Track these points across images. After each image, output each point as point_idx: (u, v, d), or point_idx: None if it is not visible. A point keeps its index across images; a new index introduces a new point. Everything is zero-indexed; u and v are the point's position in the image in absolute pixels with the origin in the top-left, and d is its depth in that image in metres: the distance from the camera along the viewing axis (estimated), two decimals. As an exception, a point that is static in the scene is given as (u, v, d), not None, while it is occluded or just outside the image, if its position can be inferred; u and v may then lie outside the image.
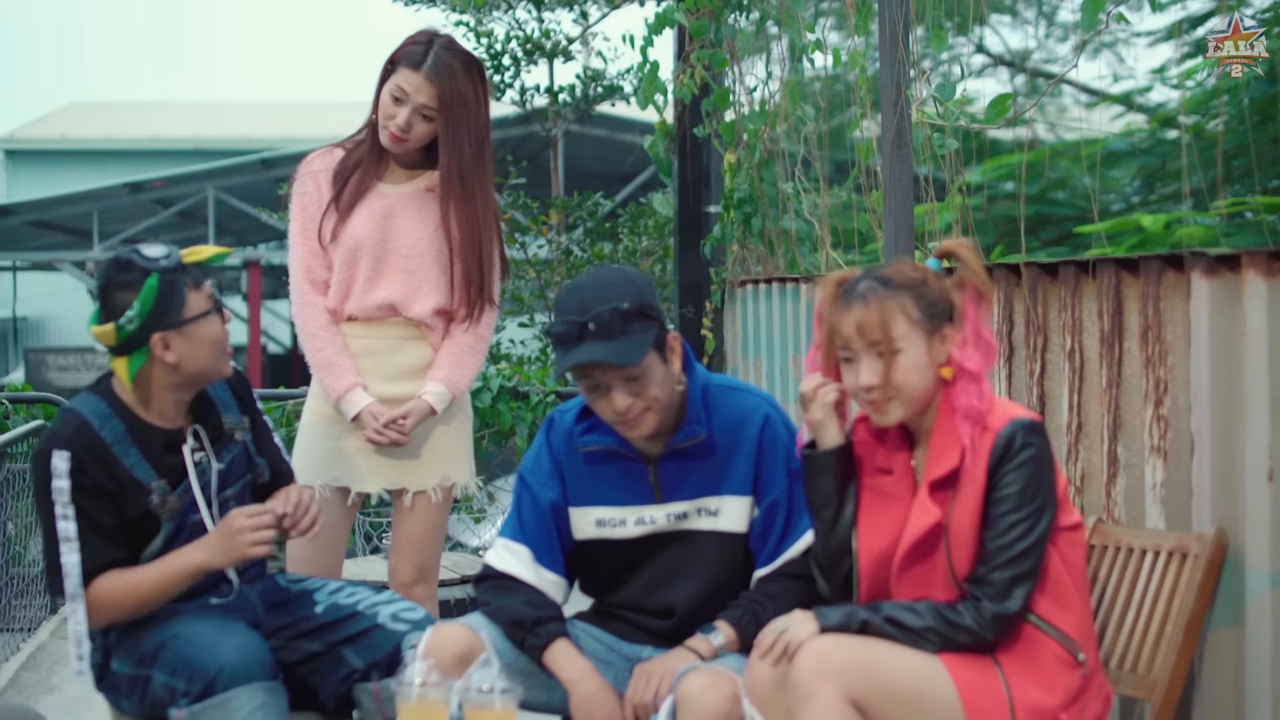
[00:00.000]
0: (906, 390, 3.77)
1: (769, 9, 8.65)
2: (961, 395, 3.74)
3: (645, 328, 3.96)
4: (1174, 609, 3.98)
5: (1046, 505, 3.69)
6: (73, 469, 4.00)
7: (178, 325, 4.11)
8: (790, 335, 7.56)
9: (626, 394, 3.96)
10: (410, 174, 5.09)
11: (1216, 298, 4.02)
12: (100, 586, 4.04)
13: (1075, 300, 4.61)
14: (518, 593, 4.15)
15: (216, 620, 4.15)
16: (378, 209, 5.02)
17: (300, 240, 5.10)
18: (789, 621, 3.81)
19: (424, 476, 5.10)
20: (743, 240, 8.87)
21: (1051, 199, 17.59)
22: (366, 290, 5.01)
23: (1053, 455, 3.74)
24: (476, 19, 11.84)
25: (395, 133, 4.94)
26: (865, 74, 7.36)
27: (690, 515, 4.17)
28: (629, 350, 3.92)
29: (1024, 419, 3.71)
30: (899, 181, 5.73)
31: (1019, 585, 3.68)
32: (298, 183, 5.14)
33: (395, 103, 4.93)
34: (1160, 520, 4.25)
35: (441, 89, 4.90)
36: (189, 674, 3.95)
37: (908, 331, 3.75)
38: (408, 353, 5.06)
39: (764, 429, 4.14)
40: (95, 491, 4.03)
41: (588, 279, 4.08)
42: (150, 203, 27.61)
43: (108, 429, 4.10)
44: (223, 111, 44.33)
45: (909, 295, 3.76)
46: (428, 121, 4.95)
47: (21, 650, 7.07)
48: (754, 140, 8.68)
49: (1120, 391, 4.44)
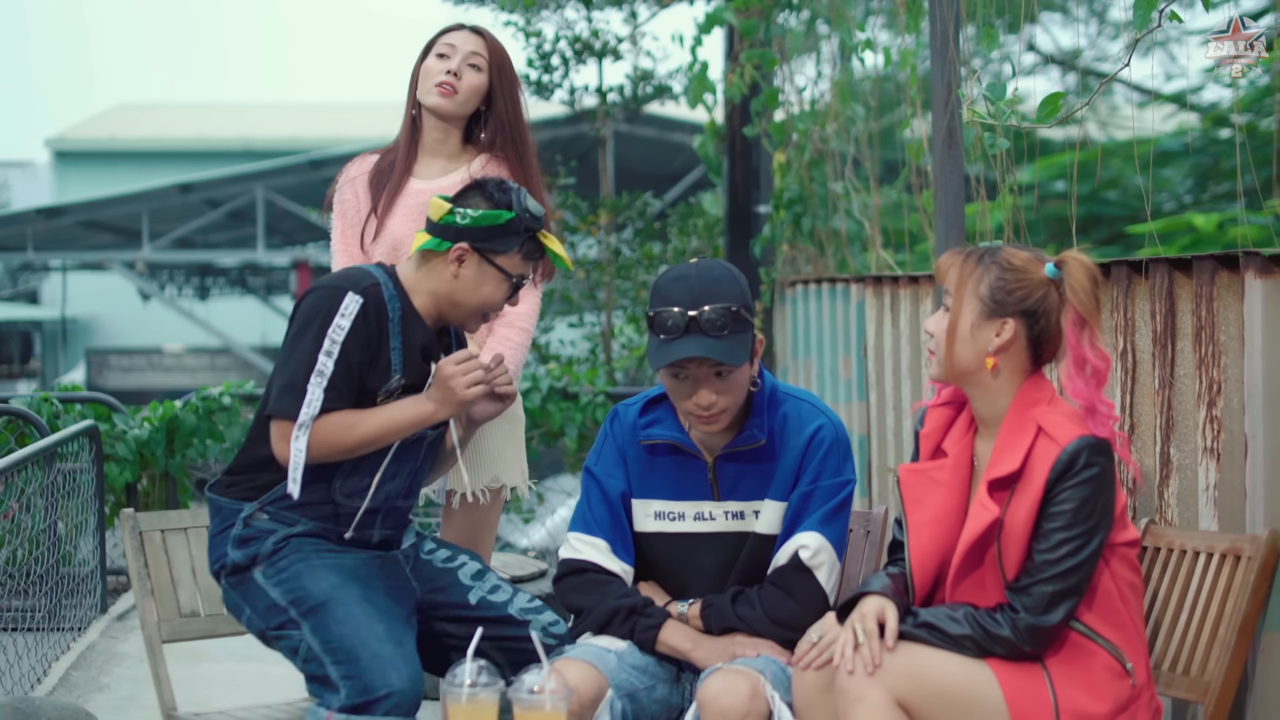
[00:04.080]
0: (940, 349, 3.82)
1: (819, 8, 8.64)
2: (1051, 413, 3.73)
3: (746, 329, 3.99)
4: (1227, 611, 3.95)
5: (1100, 525, 3.67)
6: (357, 316, 4.15)
7: (484, 254, 4.21)
8: (841, 335, 7.54)
9: (713, 391, 3.98)
10: (444, 166, 5.10)
11: (1271, 297, 3.99)
12: (327, 420, 4.14)
13: (1128, 300, 4.58)
14: (607, 586, 4.17)
15: (386, 612, 4.13)
16: (413, 206, 5.02)
17: (340, 246, 5.16)
18: (824, 628, 3.81)
19: (472, 477, 5.10)
20: (792, 240, 8.87)
21: (1103, 198, 17.55)
22: None
23: (1115, 475, 3.72)
24: (526, 19, 11.84)
25: (446, 80, 4.98)
26: (915, 73, 7.34)
27: (746, 516, 4.18)
28: (735, 351, 3.95)
29: (1090, 438, 3.67)
30: (950, 181, 5.71)
31: (1062, 601, 3.66)
32: (337, 191, 5.20)
33: (442, 58, 5.01)
34: (1213, 522, 4.22)
35: (489, 42, 5.02)
36: (352, 673, 3.95)
37: (967, 299, 3.77)
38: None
39: (812, 437, 4.14)
40: (361, 346, 4.17)
41: (694, 270, 4.06)
42: (200, 203, 27.72)
43: (391, 305, 4.22)
44: (271, 112, 44.53)
45: (994, 272, 3.77)
46: (477, 71, 5.00)
47: (72, 649, 7.09)
48: (804, 140, 8.68)
49: (1173, 392, 4.41)
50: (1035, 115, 4.77)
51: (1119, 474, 3.77)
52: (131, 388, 29.23)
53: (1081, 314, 3.71)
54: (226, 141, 39.24)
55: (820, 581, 4.07)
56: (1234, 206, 14.26)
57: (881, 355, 6.88)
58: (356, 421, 4.15)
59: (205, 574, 4.76)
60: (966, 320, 3.78)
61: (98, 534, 7.96)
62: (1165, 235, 14.92)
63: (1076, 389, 3.72)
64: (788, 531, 4.12)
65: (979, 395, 3.84)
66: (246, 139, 38.85)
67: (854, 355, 7.33)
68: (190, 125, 41.94)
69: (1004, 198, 5.59)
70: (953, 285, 3.81)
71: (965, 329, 3.78)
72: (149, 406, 9.09)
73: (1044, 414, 3.72)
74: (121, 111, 46.26)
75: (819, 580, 4.07)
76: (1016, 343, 3.77)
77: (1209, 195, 17.62)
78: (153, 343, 35.65)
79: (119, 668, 6.85)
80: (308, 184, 25.01)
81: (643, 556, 4.27)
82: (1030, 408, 3.75)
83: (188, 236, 29.29)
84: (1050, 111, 4.73)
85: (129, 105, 48.48)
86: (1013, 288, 3.75)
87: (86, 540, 7.92)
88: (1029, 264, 3.77)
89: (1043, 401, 3.76)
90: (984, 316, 3.76)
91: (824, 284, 7.91)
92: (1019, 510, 3.69)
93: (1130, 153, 14.90)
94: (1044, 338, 3.78)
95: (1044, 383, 3.81)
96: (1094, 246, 17.04)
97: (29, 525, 7.11)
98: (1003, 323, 3.75)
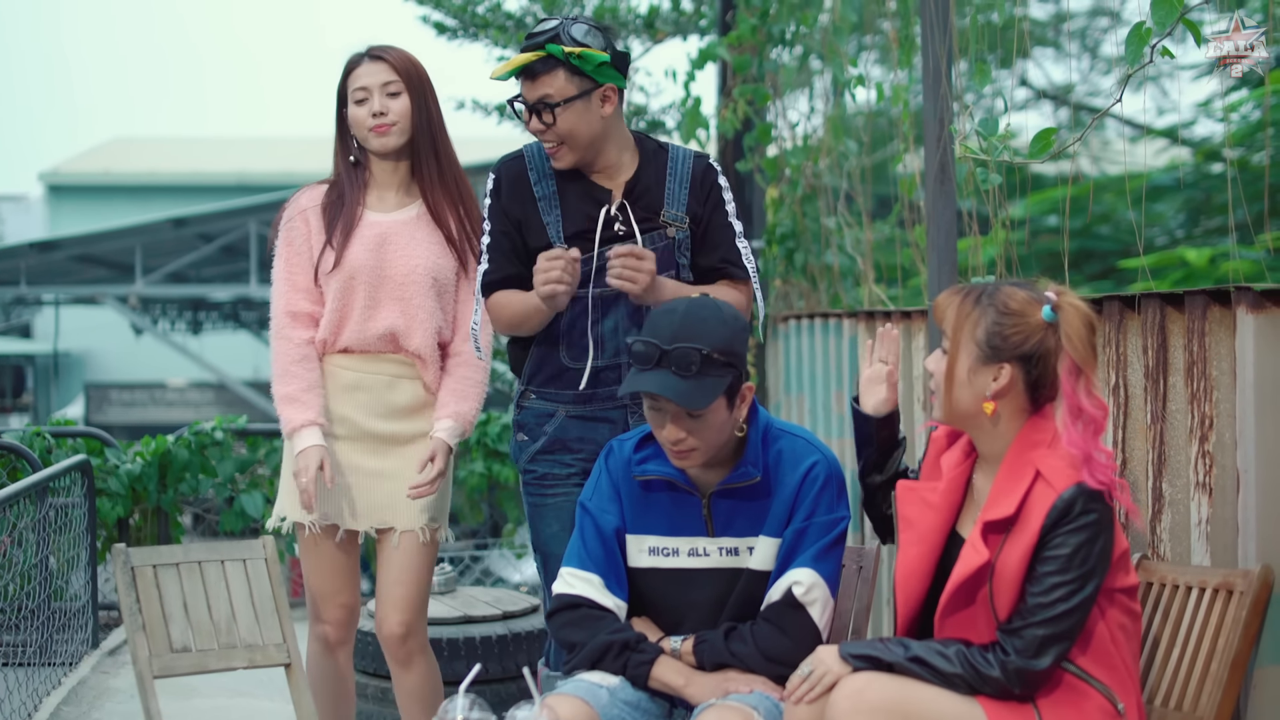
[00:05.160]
0: (940, 390, 3.82)
1: (812, 44, 8.68)
2: (1050, 458, 3.72)
3: (721, 374, 3.99)
4: (1220, 646, 3.95)
5: (1095, 571, 3.64)
6: (492, 189, 4.73)
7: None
8: (833, 371, 7.54)
9: (682, 428, 4.00)
10: (400, 202, 5.07)
11: (1263, 332, 3.99)
12: (493, 299, 4.72)
13: (1119, 335, 4.59)
14: (600, 621, 4.16)
15: None
16: (370, 237, 4.99)
17: (285, 274, 5.07)
18: (814, 662, 3.80)
19: (412, 516, 5.04)
20: (785, 275, 8.88)
21: (1095, 233, 17.57)
22: (366, 320, 4.98)
23: (1114, 521, 3.70)
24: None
25: (378, 124, 4.96)
26: (908, 108, 7.36)
27: (740, 552, 4.18)
28: (697, 395, 3.95)
29: (1088, 486, 3.66)
30: (942, 216, 5.71)
31: (1052, 645, 3.64)
32: (286, 222, 5.11)
33: (361, 103, 4.99)
34: (1206, 557, 4.22)
35: (391, 59, 4.99)
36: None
37: (964, 343, 3.76)
38: (401, 391, 5.04)
39: (807, 474, 4.14)
40: (504, 215, 4.69)
41: (686, 306, 4.08)
42: (193, 237, 27.70)
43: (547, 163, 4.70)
44: (265, 146, 44.53)
45: (991, 316, 3.74)
46: (396, 97, 4.97)
47: (63, 685, 7.08)
48: (796, 175, 8.69)
49: (1165, 427, 4.42)
50: (1028, 150, 4.78)
51: (1118, 519, 3.75)
52: (134, 423, 29.20)
53: (1077, 362, 3.68)
54: (220, 176, 39.26)
55: (814, 618, 4.07)
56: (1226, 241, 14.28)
57: (874, 390, 6.86)
58: (505, 304, 4.68)
59: (197, 609, 4.77)
60: (963, 365, 3.77)
61: (89, 569, 7.96)
62: (1157, 270, 14.93)
63: (1072, 438, 3.67)
64: (781, 568, 4.12)
65: (980, 436, 3.83)
66: (240, 173, 38.88)
67: (846, 391, 7.32)
68: (183, 159, 41.96)
69: (996, 232, 5.60)
70: (950, 328, 3.79)
71: (963, 373, 3.77)
72: (141, 441, 9.08)
73: (1043, 458, 3.70)
74: (115, 145, 46.27)
75: (812, 617, 4.07)
76: (1014, 387, 3.75)
77: (1201, 230, 17.64)
78: (149, 377, 35.63)
79: (110, 703, 6.84)
80: (301, 218, 24.97)
81: (636, 592, 4.26)
82: (1029, 450, 3.74)
83: (181, 271, 29.23)
84: (1043, 147, 4.75)
85: (122, 139, 48.50)
86: (1009, 333, 3.73)
87: (78, 575, 7.91)
88: (1026, 307, 3.74)
89: (1043, 444, 3.74)
90: (981, 362, 3.75)
91: (816, 319, 7.90)
92: (1012, 553, 3.67)
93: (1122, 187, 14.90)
94: (1042, 381, 3.76)
95: (1046, 424, 3.78)
96: (1086, 281, 17.06)
97: (21, 560, 7.09)
98: (1000, 368, 3.74)
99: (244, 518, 9.07)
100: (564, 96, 4.53)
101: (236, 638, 4.88)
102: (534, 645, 6.03)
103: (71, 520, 7.75)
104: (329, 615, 5.09)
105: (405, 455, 5.02)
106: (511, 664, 5.95)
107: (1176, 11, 4.23)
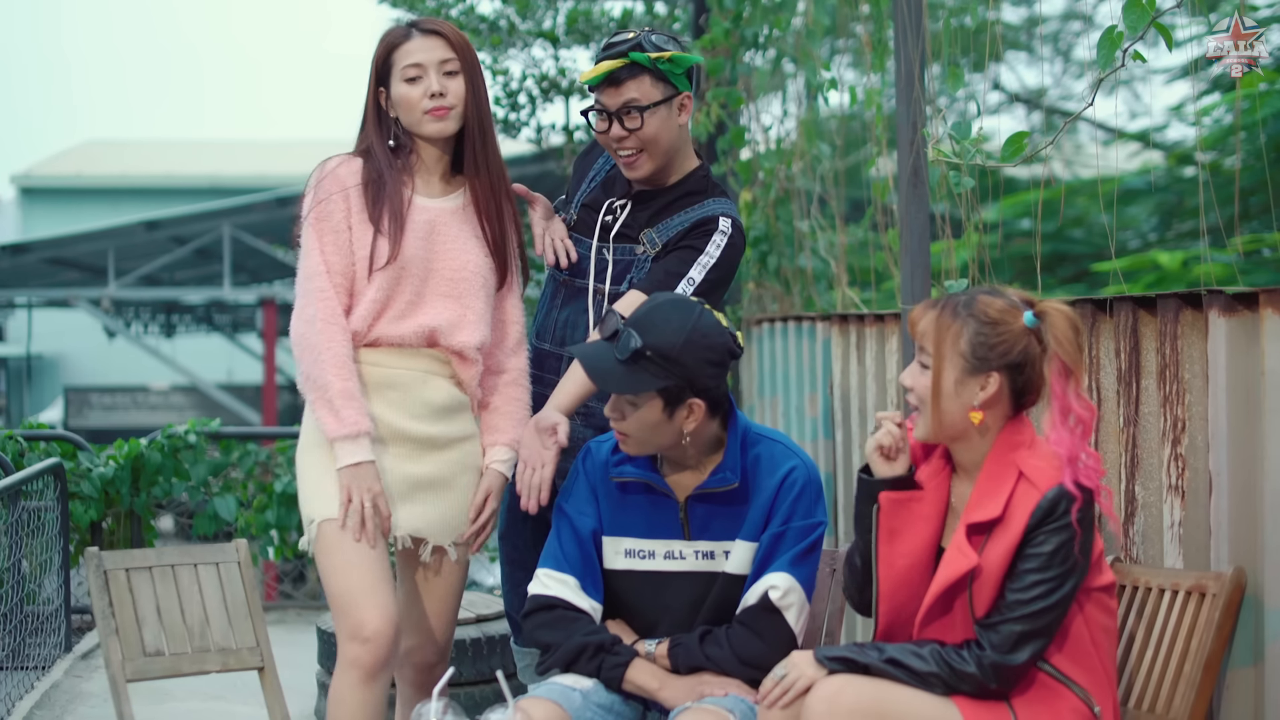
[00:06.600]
0: (926, 410, 3.79)
1: (785, 47, 8.68)
2: (1032, 458, 3.72)
3: (655, 374, 3.98)
4: (1193, 648, 3.96)
5: (1075, 570, 3.66)
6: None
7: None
8: (807, 373, 7.55)
9: (615, 410, 4.08)
10: (445, 186, 4.59)
11: (1234, 336, 4.01)
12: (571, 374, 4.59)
13: (1092, 338, 4.60)
14: (575, 622, 4.16)
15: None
16: (420, 223, 4.48)
17: (319, 255, 4.45)
18: (788, 666, 3.80)
19: (451, 530, 4.58)
20: (759, 278, 8.88)
21: (1068, 236, 17.61)
22: (406, 314, 4.44)
23: (1094, 521, 3.72)
24: (493, 57, 11.85)
25: (436, 107, 4.45)
26: (881, 112, 7.37)
27: (717, 556, 4.18)
28: (623, 381, 4.01)
29: (1072, 486, 3.65)
30: (915, 219, 5.73)
31: (1029, 641, 3.65)
32: (322, 196, 4.49)
33: (414, 81, 4.46)
34: (1178, 559, 4.23)
35: (448, 34, 4.48)
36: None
37: (949, 356, 3.74)
38: (436, 389, 4.50)
39: (785, 479, 4.14)
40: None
41: (664, 301, 4.13)
42: (166, 240, 27.63)
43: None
44: (238, 149, 44.44)
45: (972, 326, 3.73)
46: (454, 77, 4.47)
47: (36, 688, 7.05)
48: (770, 178, 8.71)
49: (1138, 430, 4.43)
50: (1000, 154, 4.79)
51: (1097, 521, 3.76)
52: (116, 427, 29.04)
53: (1067, 364, 3.69)
54: (193, 179, 39.14)
55: (789, 622, 4.07)
56: (1198, 245, 14.33)
57: (848, 393, 6.88)
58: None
59: (170, 612, 4.76)
60: (950, 378, 3.75)
61: (62, 572, 7.93)
62: (1130, 273, 14.97)
63: (1060, 439, 3.68)
64: (758, 572, 4.12)
65: (963, 446, 3.82)
66: (213, 176, 38.78)
67: (820, 393, 7.33)
68: (157, 162, 41.83)
69: (969, 236, 5.61)
70: (931, 343, 3.77)
71: (949, 386, 3.75)
72: (114, 444, 9.05)
73: (1025, 459, 3.71)
74: (88, 148, 46.11)
75: (788, 621, 4.07)
76: (1001, 395, 3.75)
77: (1173, 233, 17.70)
78: (122, 380, 35.49)
79: (83, 707, 6.82)
80: (274, 221, 24.93)
81: (612, 594, 4.27)
82: (1011, 452, 3.74)
83: (154, 274, 29.13)
84: (1015, 150, 4.75)
85: (96, 142, 48.34)
86: (994, 342, 3.72)
87: (51, 578, 7.89)
88: (1006, 314, 3.74)
89: (1023, 445, 3.75)
90: (967, 373, 3.74)
91: (790, 322, 7.91)
92: (995, 553, 3.68)
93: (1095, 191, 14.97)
94: (1027, 387, 3.77)
95: (1024, 425, 3.80)
96: (1059, 284, 17.09)
97: (-7, 563, 7.07)
98: (987, 377, 3.73)
99: (217, 521, 9.04)
100: (650, 101, 4.56)
101: (210, 641, 4.87)
102: (508, 649, 6.02)
103: (44, 524, 7.73)
104: (371, 624, 4.26)
105: (444, 462, 4.51)
106: (485, 667, 5.94)
107: (1148, 16, 4.24)
